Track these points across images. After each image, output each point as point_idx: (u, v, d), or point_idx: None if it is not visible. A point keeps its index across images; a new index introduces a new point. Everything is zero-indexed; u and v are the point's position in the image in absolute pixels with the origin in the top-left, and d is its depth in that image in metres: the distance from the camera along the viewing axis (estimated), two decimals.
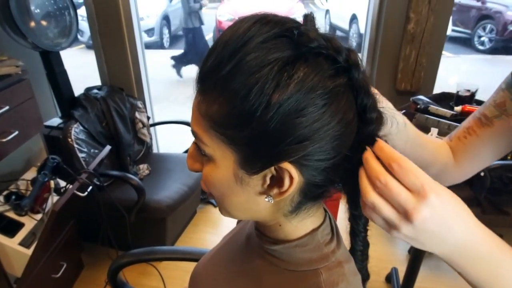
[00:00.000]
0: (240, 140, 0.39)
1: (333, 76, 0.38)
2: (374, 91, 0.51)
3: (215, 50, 0.39)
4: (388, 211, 0.37)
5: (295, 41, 0.37)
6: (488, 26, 5.98)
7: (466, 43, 6.19)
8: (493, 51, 5.94)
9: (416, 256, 1.55)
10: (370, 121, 0.40)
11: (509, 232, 1.92)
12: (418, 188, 0.35)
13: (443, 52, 2.07)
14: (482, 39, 6.06)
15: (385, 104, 0.50)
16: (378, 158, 0.39)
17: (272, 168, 0.40)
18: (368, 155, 0.39)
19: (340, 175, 0.43)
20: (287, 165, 0.39)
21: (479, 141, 0.64)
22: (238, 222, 0.67)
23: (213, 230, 2.26)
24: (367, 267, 0.55)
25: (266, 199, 0.43)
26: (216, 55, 0.38)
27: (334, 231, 0.50)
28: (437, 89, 2.10)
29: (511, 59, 5.74)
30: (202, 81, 0.40)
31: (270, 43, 0.37)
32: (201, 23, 4.84)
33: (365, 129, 0.41)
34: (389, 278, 1.84)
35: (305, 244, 0.47)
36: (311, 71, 0.36)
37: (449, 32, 5.82)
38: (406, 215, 0.36)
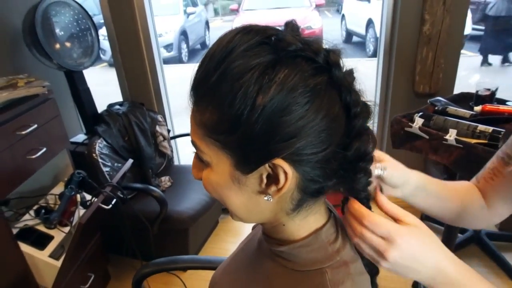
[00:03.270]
0: (232, 143, 0.41)
1: (313, 75, 0.40)
2: (380, 154, 0.58)
3: (204, 62, 0.42)
4: (368, 250, 0.47)
5: (274, 46, 0.40)
6: None
7: None
8: None
9: None
10: (354, 116, 0.43)
11: None
12: (386, 235, 0.45)
13: (464, 51, 2.03)
14: None
15: (398, 171, 0.59)
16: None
17: (267, 165, 0.41)
18: (346, 212, 0.49)
19: (335, 170, 0.44)
20: (280, 162, 0.40)
21: (506, 181, 0.63)
22: (253, 228, 0.68)
23: (234, 239, 2.27)
24: None
25: (266, 198, 0.44)
26: (204, 67, 0.42)
27: (339, 230, 0.51)
28: (457, 90, 2.05)
29: None
30: (194, 92, 0.43)
31: (252, 50, 0.39)
32: None
33: (352, 123, 0.43)
34: (415, 284, 1.79)
35: (310, 244, 0.48)
36: (291, 72, 0.39)
37: (468, 31, 5.67)
38: (381, 254, 0.45)
